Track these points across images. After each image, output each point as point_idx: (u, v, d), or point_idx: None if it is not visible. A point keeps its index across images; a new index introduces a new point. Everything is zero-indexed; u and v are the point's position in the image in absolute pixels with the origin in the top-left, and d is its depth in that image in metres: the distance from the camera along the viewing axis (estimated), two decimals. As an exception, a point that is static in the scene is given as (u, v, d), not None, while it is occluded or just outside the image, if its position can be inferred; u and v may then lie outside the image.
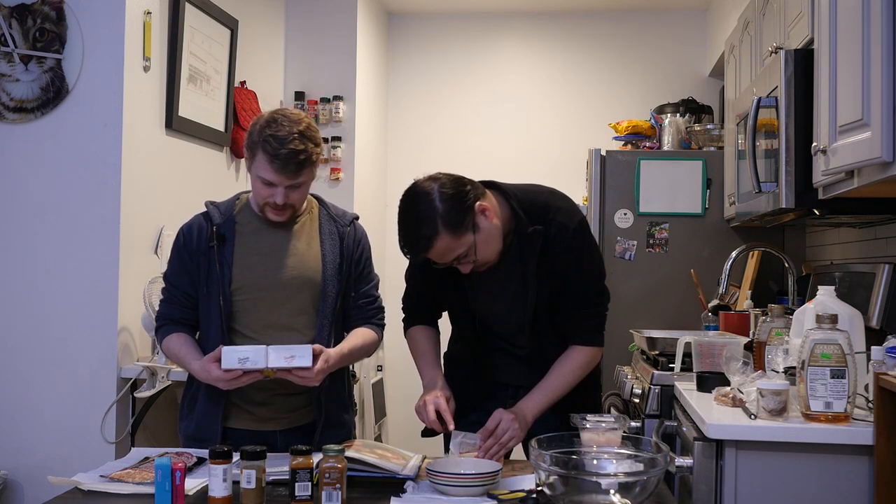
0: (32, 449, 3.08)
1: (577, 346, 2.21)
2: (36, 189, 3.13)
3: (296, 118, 2.14)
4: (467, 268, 2.10)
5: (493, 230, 2.08)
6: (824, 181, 2.34)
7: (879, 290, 2.56)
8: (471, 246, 2.04)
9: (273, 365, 2.00)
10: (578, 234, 2.17)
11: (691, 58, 5.24)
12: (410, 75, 5.48)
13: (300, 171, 2.12)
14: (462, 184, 2.05)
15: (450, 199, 2.01)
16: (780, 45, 2.86)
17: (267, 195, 2.15)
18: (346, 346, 2.20)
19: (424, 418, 2.11)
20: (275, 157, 2.09)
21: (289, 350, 2.02)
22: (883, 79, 1.81)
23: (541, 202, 2.19)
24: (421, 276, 2.29)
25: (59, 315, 3.10)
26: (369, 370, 4.65)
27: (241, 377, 2.02)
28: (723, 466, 2.09)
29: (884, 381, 1.93)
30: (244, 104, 4.07)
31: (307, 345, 2.04)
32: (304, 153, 2.10)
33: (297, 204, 2.21)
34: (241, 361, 1.99)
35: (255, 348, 2.01)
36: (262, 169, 2.12)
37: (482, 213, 2.05)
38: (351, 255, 2.28)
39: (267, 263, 2.21)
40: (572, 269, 2.17)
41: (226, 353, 2.00)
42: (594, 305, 2.23)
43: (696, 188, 4.01)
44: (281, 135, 2.09)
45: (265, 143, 2.10)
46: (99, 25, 3.10)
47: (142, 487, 1.81)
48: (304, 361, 2.01)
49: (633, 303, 3.93)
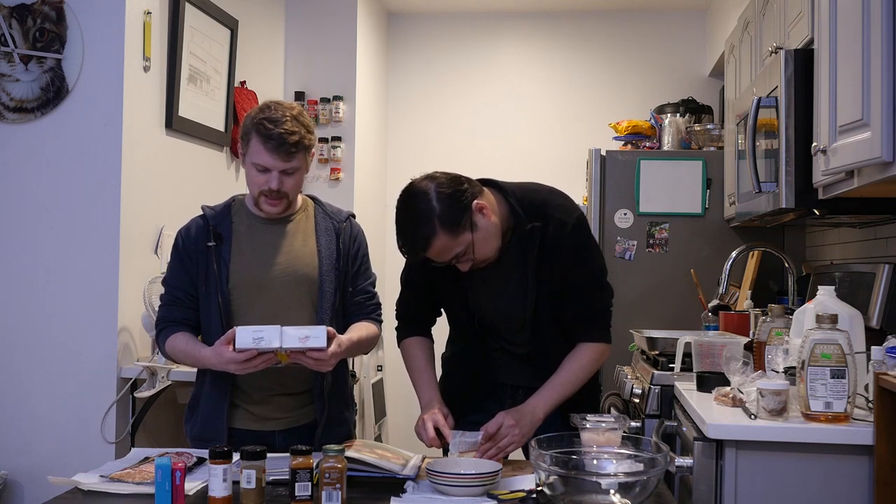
0: (32, 449, 3.08)
1: (584, 344, 2.20)
2: (36, 189, 3.13)
3: (288, 105, 2.18)
4: (466, 266, 2.10)
5: (491, 228, 2.08)
6: (824, 181, 2.34)
7: (879, 290, 2.56)
8: (469, 244, 2.04)
9: (287, 344, 1.96)
10: (577, 230, 2.17)
11: (691, 58, 5.24)
12: (410, 75, 5.48)
13: (294, 153, 2.13)
14: (459, 182, 2.06)
15: (447, 199, 2.01)
16: (780, 45, 2.86)
17: (262, 182, 2.14)
18: (354, 334, 2.18)
19: (423, 436, 2.10)
20: (268, 137, 2.10)
21: (303, 330, 1.98)
22: (883, 79, 1.81)
23: (539, 200, 2.19)
24: (419, 277, 2.28)
25: (59, 315, 3.10)
26: (369, 370, 4.64)
27: (255, 359, 1.98)
28: (723, 466, 2.09)
29: (884, 381, 1.93)
30: (244, 104, 4.07)
31: (321, 326, 2.02)
32: (298, 135, 2.12)
33: (292, 193, 2.20)
34: (256, 341, 1.95)
35: (269, 328, 1.97)
36: (256, 153, 2.13)
37: (480, 212, 2.05)
38: (347, 251, 2.28)
39: (263, 261, 2.21)
40: (572, 265, 2.17)
41: (240, 332, 1.97)
42: (597, 302, 2.22)
43: (696, 188, 4.01)
44: (275, 117, 2.12)
45: (259, 126, 2.11)
46: (99, 25, 3.10)
47: (142, 487, 1.81)
48: (319, 342, 1.97)
49: (633, 303, 3.93)
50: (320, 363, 2.02)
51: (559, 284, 2.18)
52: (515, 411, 2.09)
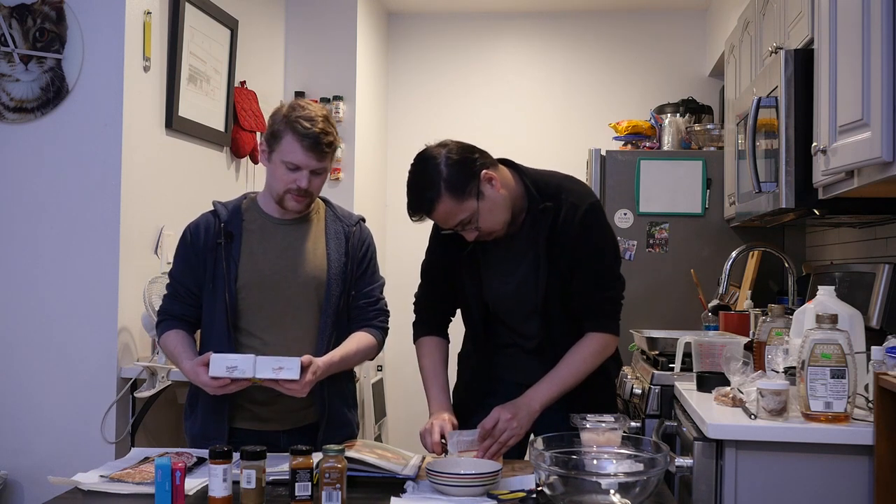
0: (32, 449, 3.08)
1: (590, 333, 2.19)
2: (36, 189, 3.13)
3: (318, 106, 2.22)
4: (472, 235, 2.11)
5: (498, 199, 2.10)
6: (824, 181, 2.34)
7: (879, 290, 2.56)
8: (474, 212, 2.07)
9: (260, 375, 1.99)
10: (590, 213, 2.18)
11: (691, 58, 5.24)
12: (410, 75, 5.48)
13: (327, 153, 2.17)
14: (470, 151, 2.11)
15: (455, 165, 2.06)
16: (780, 45, 2.86)
17: (290, 180, 2.16)
18: (337, 353, 2.18)
19: (427, 441, 2.08)
20: (305, 136, 2.12)
21: (277, 361, 2.00)
22: (883, 79, 1.81)
23: (554, 183, 2.23)
24: (438, 258, 2.29)
25: (59, 315, 3.10)
26: (369, 370, 4.65)
27: (229, 385, 2.02)
28: (723, 466, 2.09)
29: (884, 381, 1.93)
30: (244, 104, 4.07)
31: (295, 358, 2.02)
32: (332, 136, 2.17)
33: (316, 193, 2.23)
34: (230, 370, 1.98)
35: (243, 357, 2.00)
36: (289, 151, 2.14)
37: (488, 182, 2.08)
38: (355, 255, 2.28)
39: (273, 261, 2.21)
40: (583, 248, 2.16)
41: (214, 360, 1.99)
42: (608, 289, 2.21)
43: (696, 188, 4.01)
44: (310, 115, 2.14)
45: (294, 124, 2.13)
46: (99, 25, 3.10)
47: (142, 487, 1.81)
48: (292, 374, 1.99)
49: (633, 303, 3.88)
50: (293, 391, 2.04)
51: (570, 269, 2.17)
52: (511, 405, 2.08)
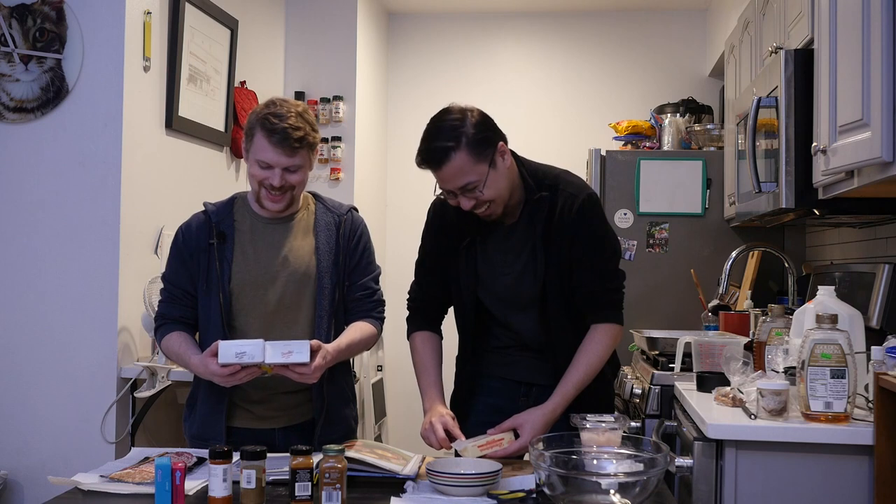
0: (32, 449, 3.08)
1: (596, 325, 2.19)
2: (36, 189, 3.13)
3: (293, 102, 2.19)
4: (469, 203, 2.10)
5: (506, 173, 2.13)
6: (824, 181, 2.34)
7: (879, 290, 2.56)
8: (483, 177, 2.07)
9: (270, 360, 1.97)
10: (587, 205, 2.19)
11: (691, 58, 5.24)
12: (410, 75, 5.48)
13: (298, 149, 2.12)
14: (493, 122, 2.15)
15: (480, 126, 2.10)
16: (780, 45, 2.86)
17: (263, 178, 2.14)
18: (343, 340, 2.17)
19: (432, 439, 2.09)
20: (272, 132, 2.10)
21: (286, 346, 1.99)
22: (883, 79, 1.81)
23: (552, 174, 2.25)
24: (433, 250, 2.29)
25: (59, 315, 3.10)
26: (369, 370, 4.64)
27: (239, 373, 1.99)
28: (723, 466, 2.09)
29: (884, 381, 1.93)
30: (244, 104, 4.07)
31: (305, 340, 2.02)
32: (302, 131, 2.12)
33: (297, 188, 2.19)
34: (238, 356, 1.96)
35: (252, 343, 1.99)
36: (259, 149, 2.12)
37: (502, 155, 2.12)
38: (347, 244, 2.26)
39: (264, 260, 2.20)
40: (582, 239, 2.17)
41: (222, 347, 1.98)
42: (608, 280, 2.21)
43: (696, 188, 4.01)
44: (279, 112, 2.12)
45: (263, 121, 2.11)
46: (99, 25, 3.10)
47: (142, 487, 1.81)
48: (302, 357, 1.98)
49: (633, 303, 3.90)
50: (304, 377, 2.03)
51: (569, 261, 2.17)
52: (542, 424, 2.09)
